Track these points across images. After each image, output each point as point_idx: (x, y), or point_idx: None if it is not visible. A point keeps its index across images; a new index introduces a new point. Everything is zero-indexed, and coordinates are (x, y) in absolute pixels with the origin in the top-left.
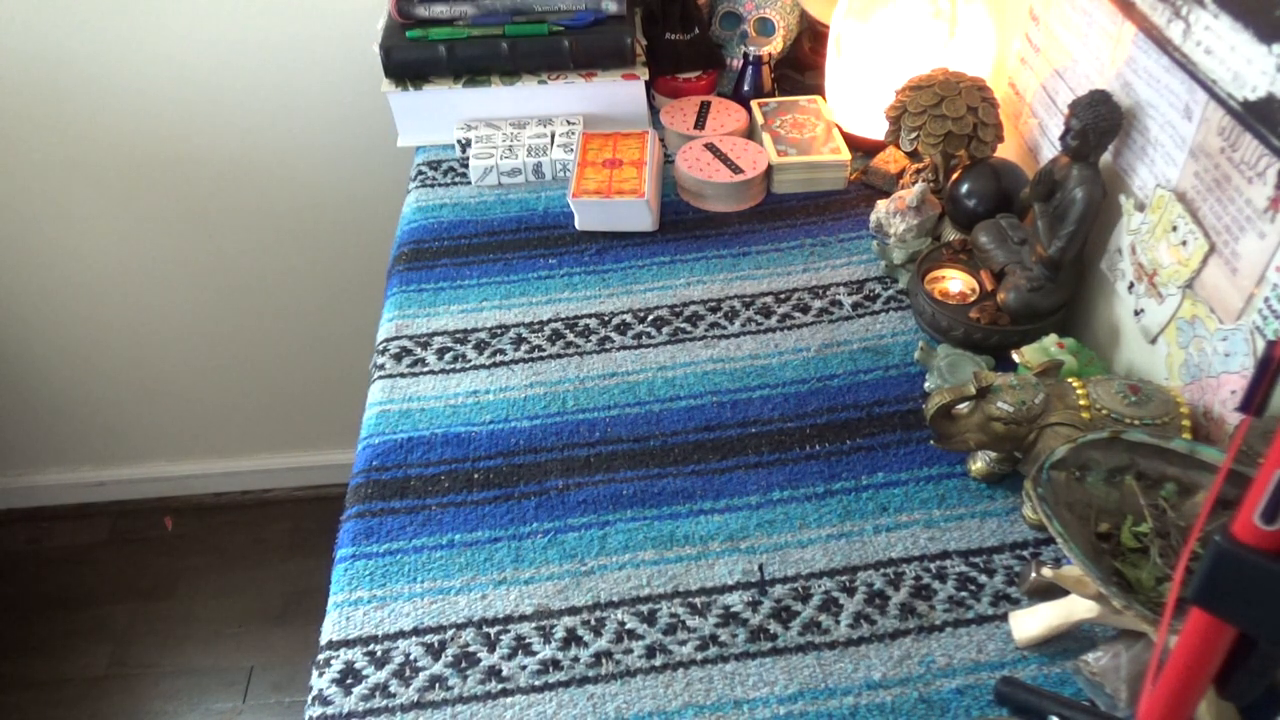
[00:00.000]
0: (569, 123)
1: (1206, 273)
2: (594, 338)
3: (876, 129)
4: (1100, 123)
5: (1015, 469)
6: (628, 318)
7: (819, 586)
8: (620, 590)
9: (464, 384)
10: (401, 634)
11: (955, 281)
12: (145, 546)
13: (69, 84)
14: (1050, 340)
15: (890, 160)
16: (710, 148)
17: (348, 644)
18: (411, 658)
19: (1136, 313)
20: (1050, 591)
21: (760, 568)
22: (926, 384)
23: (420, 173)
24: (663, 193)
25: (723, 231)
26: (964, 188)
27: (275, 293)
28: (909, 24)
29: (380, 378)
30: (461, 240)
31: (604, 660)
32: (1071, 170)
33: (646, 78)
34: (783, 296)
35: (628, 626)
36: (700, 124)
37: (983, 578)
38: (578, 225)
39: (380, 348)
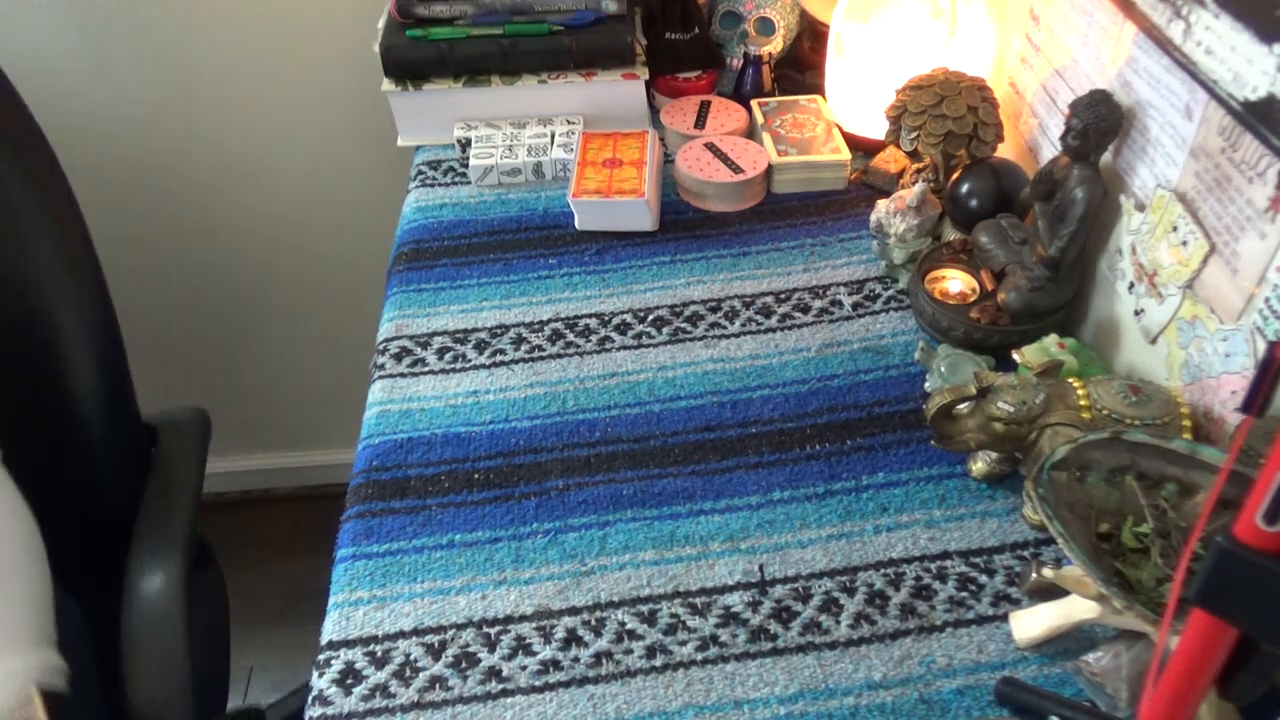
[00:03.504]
0: (569, 122)
1: (1207, 273)
2: (594, 338)
3: (876, 129)
4: (1100, 123)
5: (1016, 469)
6: (628, 318)
7: (819, 587)
8: (620, 590)
9: (464, 384)
10: (401, 634)
11: (955, 281)
12: None
13: (69, 84)
14: (1051, 340)
15: (890, 160)
16: (710, 147)
17: (348, 644)
18: (411, 658)
19: (1137, 313)
20: (1051, 592)
21: (760, 568)
22: (927, 384)
23: (420, 173)
24: (663, 193)
25: (723, 231)
26: (964, 188)
27: (275, 292)
28: (909, 24)
29: (380, 378)
30: (461, 240)
31: (604, 660)
32: (1072, 170)
33: (646, 77)
34: (783, 296)
35: (628, 627)
36: (700, 124)
37: (983, 578)
38: (578, 225)
39: (380, 348)
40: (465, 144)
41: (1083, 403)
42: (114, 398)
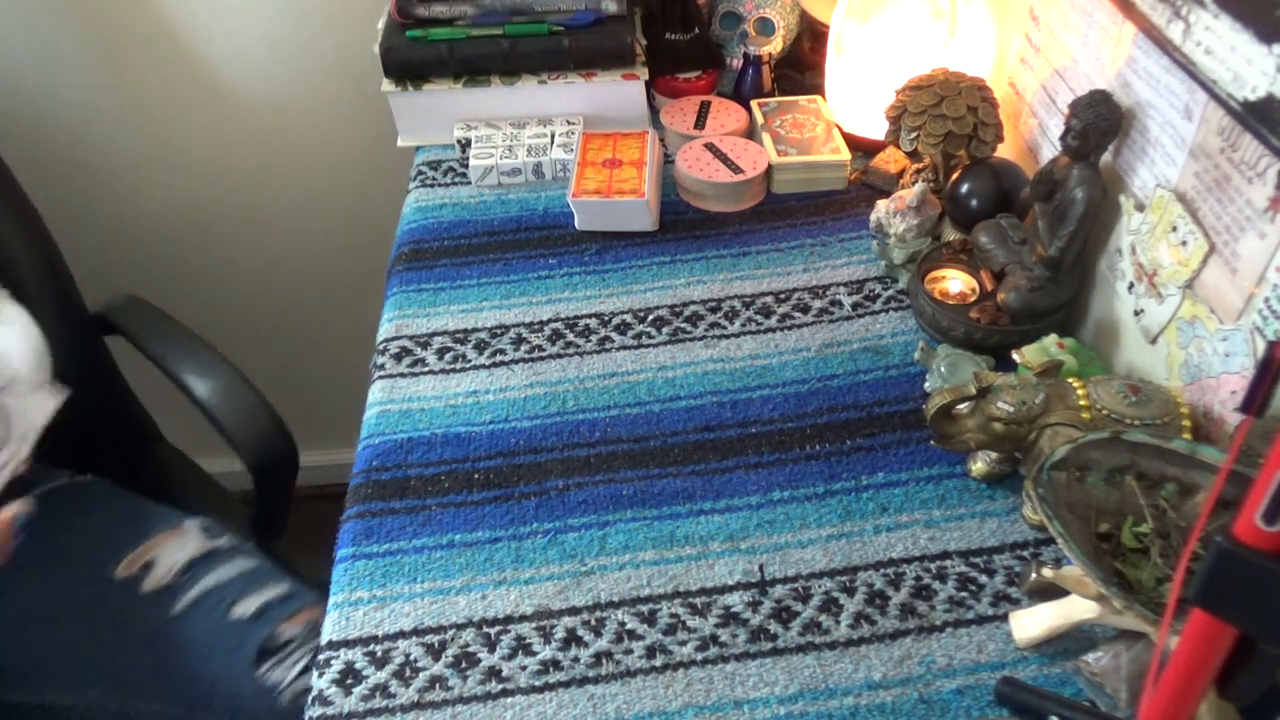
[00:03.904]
0: (569, 123)
1: (1206, 273)
2: (594, 338)
3: (876, 129)
4: (1100, 123)
5: (1016, 469)
6: (628, 318)
7: (819, 587)
8: (620, 590)
9: (464, 384)
10: (401, 634)
11: (955, 281)
12: None
13: (66, 88)
14: (1050, 340)
15: (890, 160)
16: (710, 148)
17: (348, 644)
18: (411, 658)
19: (1136, 313)
20: (1050, 592)
21: (760, 568)
22: (926, 384)
23: (420, 173)
24: (663, 193)
25: (723, 231)
26: (964, 188)
27: (275, 292)
28: (909, 24)
29: (380, 378)
30: (461, 240)
31: (604, 660)
32: (1071, 170)
33: (646, 78)
34: (783, 296)
35: (628, 627)
36: (700, 124)
37: (983, 578)
38: (578, 225)
39: (380, 348)
40: (465, 144)
41: (1082, 403)
42: (56, 289)
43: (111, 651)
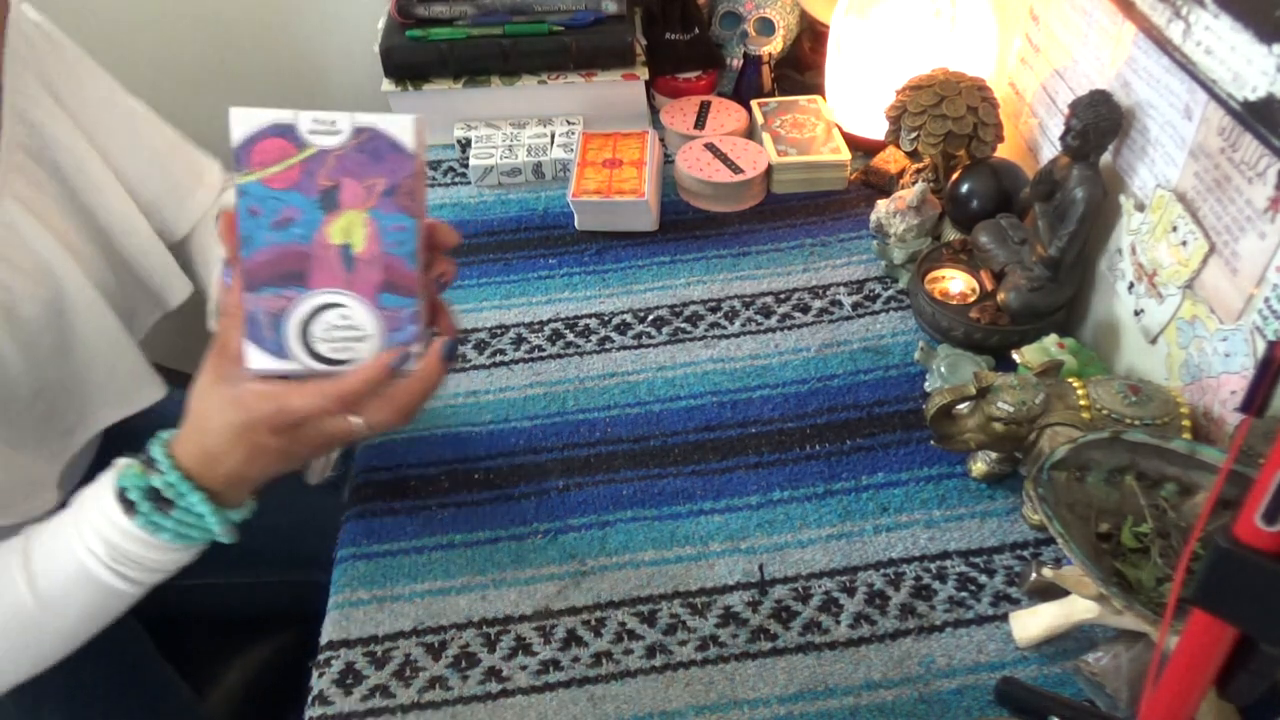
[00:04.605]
0: (569, 123)
1: (1206, 273)
2: (594, 338)
3: (876, 129)
4: (1100, 123)
5: (1016, 469)
6: (628, 318)
7: (819, 586)
8: (620, 590)
9: (464, 384)
10: (401, 634)
11: (955, 281)
12: None
13: None
14: (1050, 340)
15: (890, 160)
16: (710, 148)
17: (348, 644)
18: (411, 658)
19: (1136, 313)
20: (1051, 592)
21: (760, 568)
22: (926, 384)
23: None
24: (663, 193)
25: (723, 231)
26: (964, 188)
27: None
28: (909, 23)
29: None
30: (461, 240)
31: (604, 660)
32: (1072, 170)
33: (646, 78)
34: (783, 296)
35: (628, 627)
36: (700, 124)
37: (983, 578)
38: (578, 225)
39: None
40: (465, 144)
41: (1082, 403)
42: None
43: (287, 538)
